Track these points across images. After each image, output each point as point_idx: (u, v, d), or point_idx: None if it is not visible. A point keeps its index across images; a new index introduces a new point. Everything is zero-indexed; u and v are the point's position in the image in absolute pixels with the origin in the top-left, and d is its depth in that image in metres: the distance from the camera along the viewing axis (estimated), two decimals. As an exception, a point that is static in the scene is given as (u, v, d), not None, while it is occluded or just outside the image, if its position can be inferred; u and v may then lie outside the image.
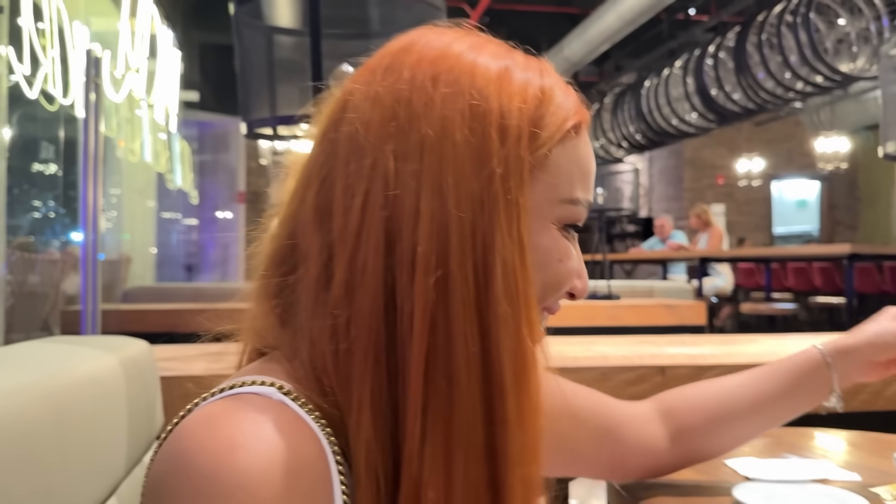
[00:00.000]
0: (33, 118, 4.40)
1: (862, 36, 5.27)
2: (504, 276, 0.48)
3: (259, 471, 0.42)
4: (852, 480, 0.98)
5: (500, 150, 0.50)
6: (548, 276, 0.54)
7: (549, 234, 0.54)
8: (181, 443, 0.45)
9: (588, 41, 7.39)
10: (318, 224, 0.51)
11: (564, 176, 0.54)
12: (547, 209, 0.53)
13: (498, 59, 0.54)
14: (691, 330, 3.33)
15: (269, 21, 1.66)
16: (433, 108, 0.50)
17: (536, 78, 0.54)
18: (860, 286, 6.91)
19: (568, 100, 0.56)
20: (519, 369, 0.49)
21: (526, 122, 0.51)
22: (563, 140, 0.54)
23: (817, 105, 9.51)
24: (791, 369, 0.88)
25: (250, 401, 0.46)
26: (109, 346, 1.00)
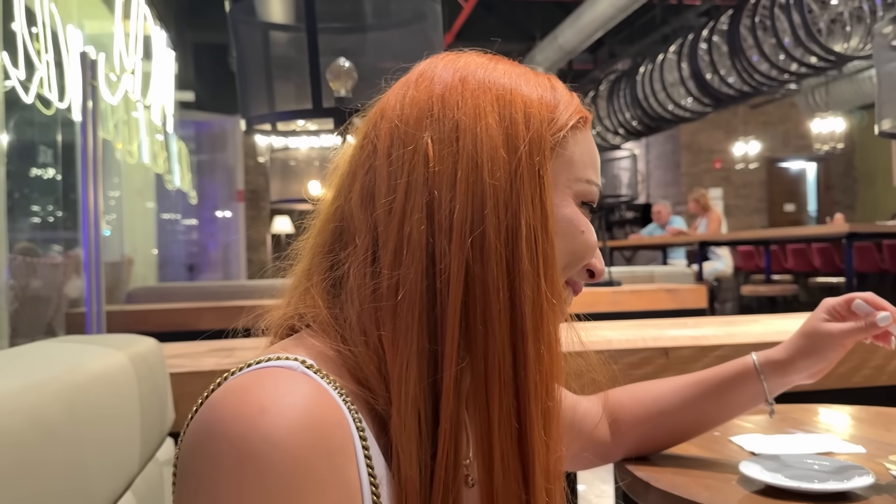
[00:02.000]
0: (30, 123, 4.39)
1: (855, 15, 5.26)
2: (527, 238, 0.55)
3: (287, 432, 0.46)
4: (857, 453, 0.99)
5: (524, 132, 0.58)
6: (572, 244, 0.61)
7: (570, 207, 0.61)
8: (213, 411, 0.48)
9: (581, 29, 7.38)
10: (364, 208, 0.58)
11: (579, 158, 0.62)
12: (566, 185, 0.61)
13: (512, 67, 0.63)
14: (693, 313, 3.34)
15: (265, 17, 1.66)
16: (465, 101, 0.58)
17: (546, 81, 0.63)
18: (859, 265, 6.92)
19: (574, 99, 0.64)
20: (537, 318, 0.55)
21: (545, 110, 0.60)
22: (574, 128, 0.62)
23: (812, 86, 9.51)
24: (723, 378, 0.94)
25: (276, 372, 0.51)
26: (119, 345, 1.01)
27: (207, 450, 0.47)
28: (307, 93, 1.50)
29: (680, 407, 0.95)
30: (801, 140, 10.98)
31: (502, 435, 0.54)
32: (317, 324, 0.59)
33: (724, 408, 0.94)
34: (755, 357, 0.93)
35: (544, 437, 0.55)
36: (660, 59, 7.33)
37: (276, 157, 3.43)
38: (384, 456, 0.54)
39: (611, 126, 8.63)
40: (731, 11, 6.14)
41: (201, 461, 0.47)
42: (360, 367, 0.55)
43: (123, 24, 3.40)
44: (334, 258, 0.60)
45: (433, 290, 0.54)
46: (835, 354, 0.92)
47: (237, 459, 0.45)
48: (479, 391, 0.54)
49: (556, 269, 0.57)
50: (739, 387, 0.93)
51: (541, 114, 0.59)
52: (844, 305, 0.93)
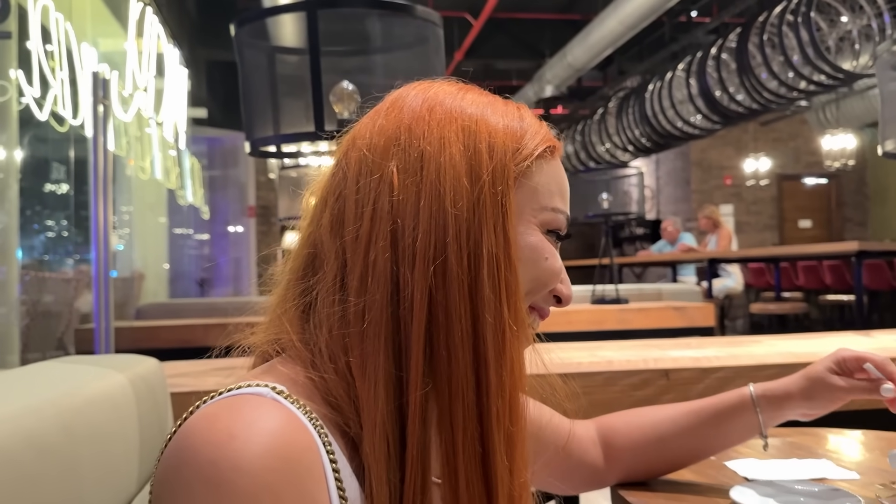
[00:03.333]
0: (44, 139, 4.45)
1: (864, 33, 5.26)
2: (489, 265, 0.57)
3: (255, 457, 0.47)
4: (850, 479, 0.99)
5: (488, 162, 0.59)
6: (536, 271, 0.62)
7: (535, 235, 0.62)
8: (184, 439, 0.50)
9: (591, 46, 7.41)
10: (333, 234, 0.60)
11: (544, 187, 0.63)
12: (531, 213, 0.62)
13: (481, 96, 0.64)
14: (700, 331, 3.33)
15: (270, 41, 1.69)
16: (431, 130, 0.59)
17: (514, 111, 0.64)
18: (870, 283, 6.88)
19: (542, 128, 0.65)
20: (499, 345, 0.56)
21: (510, 141, 0.61)
22: (540, 157, 0.63)
23: (823, 103, 9.48)
24: (720, 408, 0.95)
25: (246, 399, 0.52)
26: (120, 366, 1.02)
27: (178, 476, 0.48)
28: (311, 115, 1.52)
29: (676, 434, 0.95)
30: (812, 157, 10.94)
31: (467, 459, 0.55)
32: (289, 349, 0.60)
33: (719, 437, 0.95)
34: (752, 389, 0.94)
35: (506, 462, 0.56)
36: (669, 76, 7.34)
37: (285, 175, 3.46)
38: (357, 478, 0.55)
39: (620, 143, 8.63)
40: (740, 29, 6.15)
41: (173, 487, 0.48)
42: (331, 391, 0.56)
43: (137, 42, 3.44)
44: (306, 284, 0.61)
45: (398, 317, 0.56)
46: (832, 405, 0.93)
47: (206, 486, 0.47)
48: (443, 416, 0.55)
49: (520, 297, 0.58)
50: (735, 417, 0.93)
51: (505, 144, 0.61)
52: (855, 363, 0.93)
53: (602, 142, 9.08)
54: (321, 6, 1.45)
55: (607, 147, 9.02)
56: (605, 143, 9.04)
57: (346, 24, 1.63)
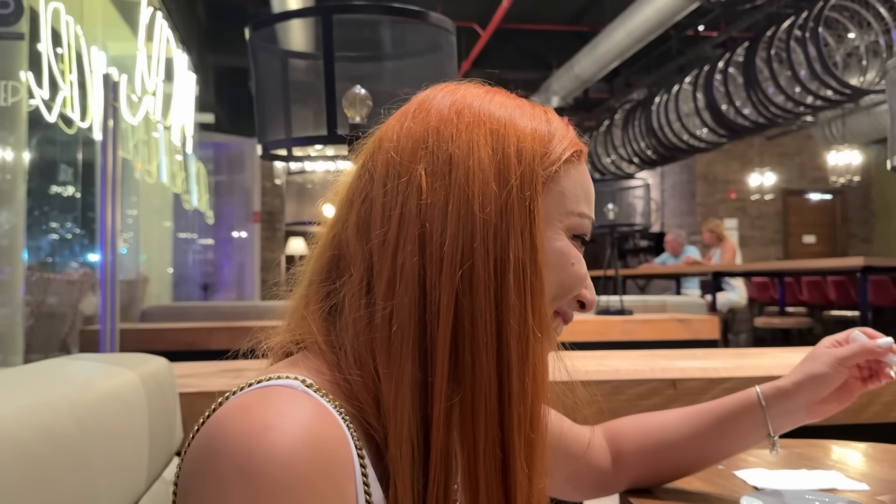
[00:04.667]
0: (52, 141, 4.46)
1: (871, 49, 5.27)
2: (515, 271, 0.56)
3: (290, 449, 0.47)
4: (860, 490, 0.99)
5: (517, 167, 0.59)
6: (562, 276, 0.62)
7: (562, 240, 0.62)
8: (216, 429, 0.49)
9: (598, 58, 7.43)
10: (360, 237, 0.59)
11: (571, 192, 0.63)
12: (558, 218, 0.62)
13: (509, 99, 0.64)
14: (704, 344, 3.33)
15: (284, 45, 1.70)
16: (460, 134, 0.59)
17: (542, 114, 0.64)
18: (875, 299, 6.86)
19: (569, 132, 0.65)
20: (523, 351, 0.56)
21: (538, 145, 0.61)
22: (568, 161, 0.63)
23: (829, 118, 9.49)
24: (727, 409, 0.93)
25: (278, 391, 0.52)
26: (130, 364, 1.03)
27: (211, 467, 0.48)
28: (323, 119, 1.53)
29: (684, 438, 0.94)
30: (818, 172, 10.94)
31: (487, 465, 0.55)
32: (313, 350, 0.59)
33: (727, 440, 0.93)
34: (759, 388, 0.93)
35: (526, 468, 0.56)
36: (675, 89, 7.36)
37: (293, 180, 3.47)
38: (380, 482, 0.55)
39: (626, 155, 8.64)
40: (748, 43, 6.16)
41: (205, 478, 0.48)
42: (356, 394, 0.56)
43: (146, 46, 3.46)
44: (330, 286, 0.61)
45: (424, 321, 0.56)
46: (838, 376, 0.91)
47: (241, 476, 0.46)
48: (466, 421, 0.55)
49: (545, 302, 0.58)
50: (743, 418, 0.92)
51: (534, 148, 0.60)
52: (845, 338, 0.94)
53: (608, 153, 9.09)
54: (336, 11, 1.46)
55: (613, 159, 9.03)
56: (610, 154, 9.05)
57: (360, 29, 1.64)
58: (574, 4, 8.56)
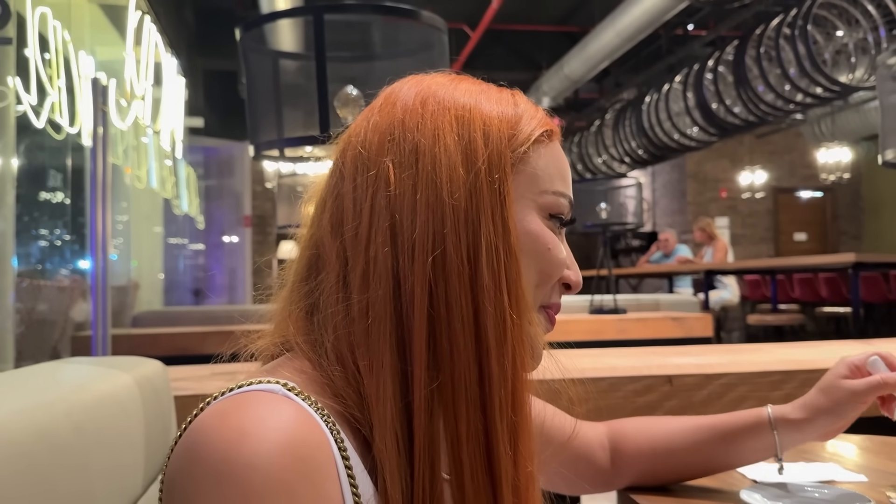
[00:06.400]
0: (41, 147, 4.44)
1: (860, 46, 5.30)
2: (488, 254, 0.56)
3: (268, 454, 0.47)
4: (858, 481, 0.99)
5: (483, 150, 0.59)
6: (540, 262, 0.61)
7: (536, 223, 0.61)
8: (196, 435, 0.49)
9: (588, 59, 7.45)
10: (333, 233, 0.60)
11: (544, 171, 0.63)
12: (531, 198, 0.62)
13: (474, 85, 0.64)
14: (698, 342, 3.33)
15: (275, 46, 1.69)
16: (425, 123, 0.59)
17: (509, 97, 0.64)
18: (866, 295, 6.90)
19: (538, 113, 0.64)
20: (500, 334, 0.56)
21: (505, 127, 0.61)
22: (538, 142, 0.63)
23: (818, 116, 9.54)
24: (736, 426, 0.93)
25: (257, 396, 0.51)
26: (125, 367, 1.02)
27: (190, 474, 0.47)
28: (315, 119, 1.52)
29: (688, 448, 0.94)
30: (808, 170, 10.99)
31: (471, 451, 0.55)
32: (297, 350, 0.59)
33: (732, 456, 0.93)
34: (770, 411, 0.92)
35: (510, 452, 0.56)
36: (665, 88, 7.38)
37: (284, 183, 3.47)
38: (370, 475, 0.54)
39: (616, 154, 8.66)
40: (737, 42, 6.19)
41: (184, 484, 0.48)
42: (339, 390, 0.55)
43: (135, 50, 3.44)
44: (309, 286, 0.61)
45: (400, 312, 0.56)
46: (854, 413, 0.90)
47: (218, 483, 0.46)
48: (448, 408, 0.55)
49: (521, 285, 0.58)
50: (751, 438, 0.91)
51: (500, 130, 0.60)
52: (862, 361, 0.91)
53: (599, 153, 9.11)
54: (328, 11, 1.46)
55: (604, 159, 9.05)
56: (601, 154, 9.07)
57: (351, 29, 1.63)
58: (563, 5, 8.58)
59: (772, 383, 1.62)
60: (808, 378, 1.64)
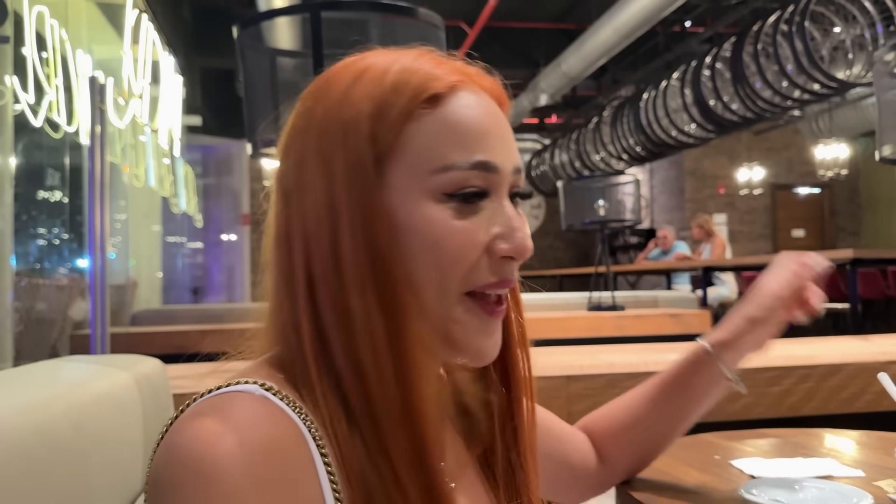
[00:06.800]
0: (39, 146, 4.44)
1: (857, 43, 5.30)
2: (355, 263, 0.55)
3: (242, 454, 0.48)
4: (856, 476, 1.00)
5: (342, 155, 0.56)
6: (433, 257, 0.56)
7: (421, 214, 0.56)
8: (173, 437, 0.51)
9: (585, 56, 7.44)
10: (268, 237, 0.61)
11: (426, 149, 0.56)
12: (417, 186, 0.56)
13: (360, 62, 0.60)
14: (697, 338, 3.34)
15: (272, 44, 1.69)
16: (309, 135, 0.58)
17: (380, 75, 0.58)
18: (864, 292, 6.91)
19: (414, 78, 0.57)
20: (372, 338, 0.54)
21: (366, 120, 0.56)
22: (415, 118, 0.56)
23: (816, 113, 9.54)
24: (682, 372, 0.93)
25: (233, 397, 0.52)
26: (124, 365, 1.02)
27: (168, 474, 0.49)
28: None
29: (650, 410, 0.93)
30: (806, 166, 11.00)
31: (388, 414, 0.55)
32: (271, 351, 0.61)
33: (691, 402, 0.92)
34: (704, 341, 0.92)
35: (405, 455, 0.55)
36: (663, 85, 7.38)
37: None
38: None
39: (614, 151, 8.66)
40: (734, 38, 6.19)
41: (163, 485, 0.49)
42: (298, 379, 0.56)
43: (132, 49, 3.45)
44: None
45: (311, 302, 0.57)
46: (782, 315, 0.92)
47: (195, 484, 0.47)
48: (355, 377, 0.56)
49: (395, 289, 0.55)
50: (699, 375, 0.91)
51: (358, 125, 0.56)
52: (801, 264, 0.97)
53: (597, 150, 9.11)
54: (325, 8, 1.46)
55: (602, 156, 9.05)
56: (599, 151, 9.07)
57: (348, 27, 1.63)
58: (560, 2, 8.58)
59: (769, 379, 1.62)
60: (805, 374, 1.65)
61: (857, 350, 1.81)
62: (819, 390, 1.65)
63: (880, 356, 1.73)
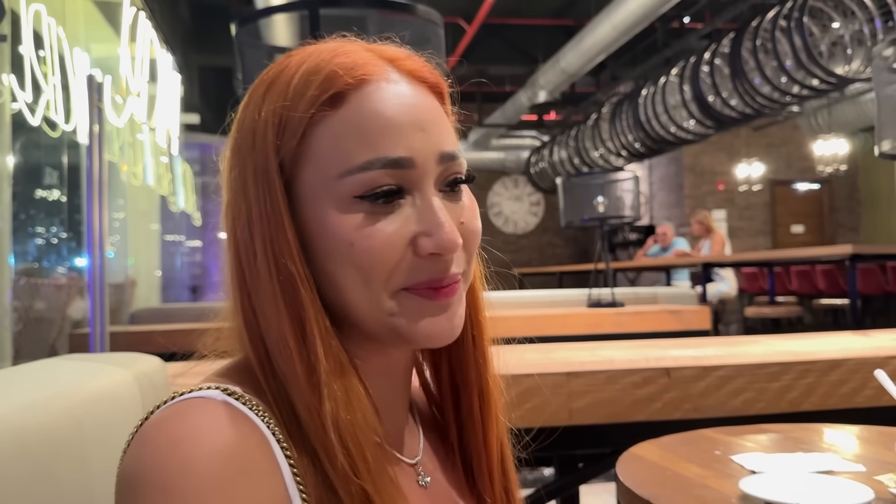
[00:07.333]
0: (36, 145, 4.43)
1: (855, 38, 5.30)
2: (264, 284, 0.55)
3: (202, 459, 0.48)
4: (857, 471, 1.00)
5: (251, 163, 0.55)
6: (355, 260, 0.54)
7: (332, 220, 0.54)
8: (135, 446, 0.51)
9: (584, 52, 7.44)
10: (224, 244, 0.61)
11: (331, 152, 0.54)
12: (326, 193, 0.54)
13: (278, 72, 0.58)
14: (696, 334, 3.34)
15: (270, 41, 1.69)
16: (234, 136, 0.58)
17: (297, 77, 0.56)
18: (864, 287, 6.91)
19: (315, 78, 0.55)
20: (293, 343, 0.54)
21: (270, 129, 0.55)
22: (316, 121, 0.54)
23: (815, 108, 9.54)
24: None
25: (194, 403, 0.52)
26: (124, 363, 1.02)
27: (131, 482, 0.49)
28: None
29: None
30: (805, 162, 10.99)
31: None
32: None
33: None
34: None
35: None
36: (662, 81, 7.37)
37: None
38: None
39: (613, 148, 8.66)
40: (733, 34, 6.18)
41: (126, 493, 0.49)
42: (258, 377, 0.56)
43: (130, 47, 3.44)
44: None
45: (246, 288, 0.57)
46: None
47: (156, 491, 0.47)
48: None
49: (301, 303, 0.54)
50: None
51: (266, 129, 0.55)
52: None
53: (596, 147, 9.10)
54: (323, 5, 1.45)
55: (601, 152, 9.04)
56: (598, 148, 9.06)
57: (346, 24, 1.63)
58: (559, -2, 8.58)
59: (769, 374, 1.62)
60: (805, 369, 1.65)
61: (856, 345, 1.81)
62: (819, 385, 1.65)
63: (880, 351, 1.73)
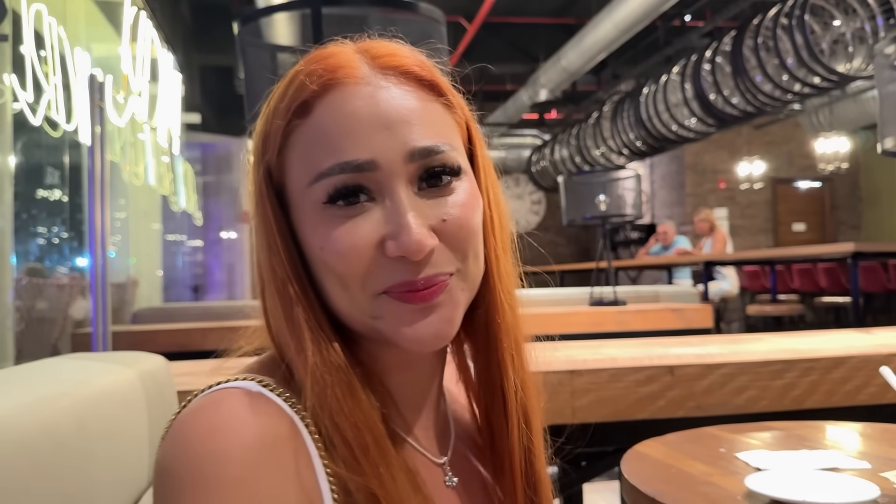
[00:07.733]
0: (38, 145, 4.43)
1: (857, 36, 5.29)
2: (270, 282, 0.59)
3: (237, 448, 0.49)
4: (862, 468, 0.99)
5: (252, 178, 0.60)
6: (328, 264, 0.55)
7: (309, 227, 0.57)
8: (172, 434, 0.52)
9: (585, 50, 7.43)
10: None
11: (303, 161, 0.56)
12: (302, 201, 0.57)
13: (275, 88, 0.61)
14: (698, 333, 3.34)
15: (272, 40, 1.68)
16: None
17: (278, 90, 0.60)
18: (865, 285, 6.90)
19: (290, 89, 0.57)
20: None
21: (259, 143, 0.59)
22: (289, 132, 0.57)
23: (816, 106, 9.53)
24: None
25: (230, 393, 0.54)
26: (127, 362, 1.02)
27: (168, 471, 0.50)
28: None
29: None
30: (806, 160, 10.98)
31: None
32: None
33: None
34: None
35: None
36: (663, 79, 7.37)
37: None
38: None
39: (615, 146, 8.65)
40: (734, 32, 6.18)
41: (164, 481, 0.50)
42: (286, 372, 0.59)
43: (131, 46, 3.44)
44: None
45: None
46: None
47: (192, 479, 0.49)
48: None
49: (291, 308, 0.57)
50: None
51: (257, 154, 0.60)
52: None
53: (597, 145, 9.10)
54: (325, 4, 1.45)
55: (602, 151, 9.04)
56: (599, 146, 9.06)
57: (348, 23, 1.63)
58: (559, -3, 8.57)
59: (772, 372, 1.62)
60: (808, 367, 1.65)
61: (859, 343, 1.80)
62: (822, 383, 1.64)
63: (883, 349, 1.73)
